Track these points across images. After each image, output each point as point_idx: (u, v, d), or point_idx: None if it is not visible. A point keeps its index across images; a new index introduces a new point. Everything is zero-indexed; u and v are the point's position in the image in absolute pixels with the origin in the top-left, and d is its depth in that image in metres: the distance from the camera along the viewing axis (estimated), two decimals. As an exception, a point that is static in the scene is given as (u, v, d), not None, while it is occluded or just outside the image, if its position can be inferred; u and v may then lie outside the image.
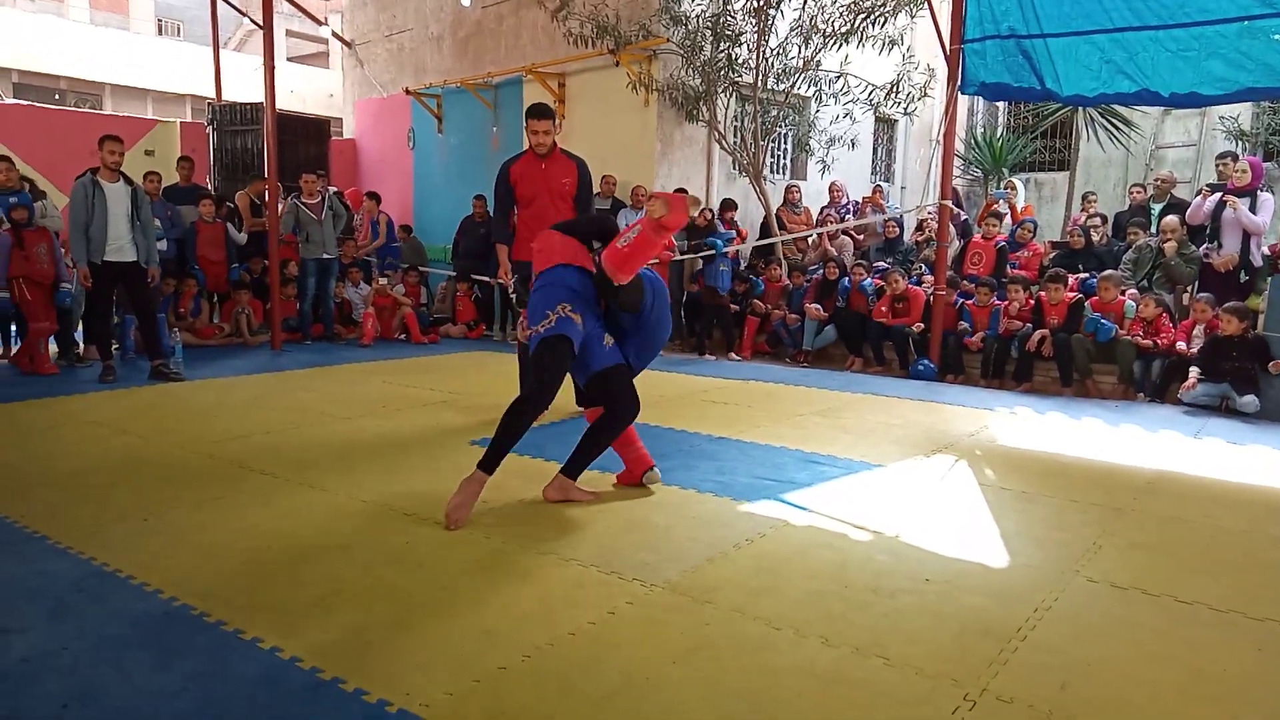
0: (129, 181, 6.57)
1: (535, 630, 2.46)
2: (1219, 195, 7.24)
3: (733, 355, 8.71)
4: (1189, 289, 7.50)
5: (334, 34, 13.77)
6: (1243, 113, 11.11)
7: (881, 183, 11.87)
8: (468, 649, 2.34)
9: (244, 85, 16.95)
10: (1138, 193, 8.76)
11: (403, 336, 9.49)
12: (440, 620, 2.52)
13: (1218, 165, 7.93)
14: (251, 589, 2.72)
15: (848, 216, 9.94)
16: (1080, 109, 10.55)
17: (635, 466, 3.88)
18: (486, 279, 9.83)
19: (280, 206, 8.78)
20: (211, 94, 12.28)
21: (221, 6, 12.34)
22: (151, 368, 6.65)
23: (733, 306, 8.92)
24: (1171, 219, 7.45)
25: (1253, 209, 6.99)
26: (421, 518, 3.41)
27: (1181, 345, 6.48)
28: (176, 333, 7.33)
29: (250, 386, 6.43)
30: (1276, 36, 5.99)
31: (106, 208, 6.32)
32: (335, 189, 9.73)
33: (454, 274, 10.27)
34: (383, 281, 9.61)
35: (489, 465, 3.37)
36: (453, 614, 2.56)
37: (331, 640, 2.38)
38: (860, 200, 10.47)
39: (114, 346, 7.87)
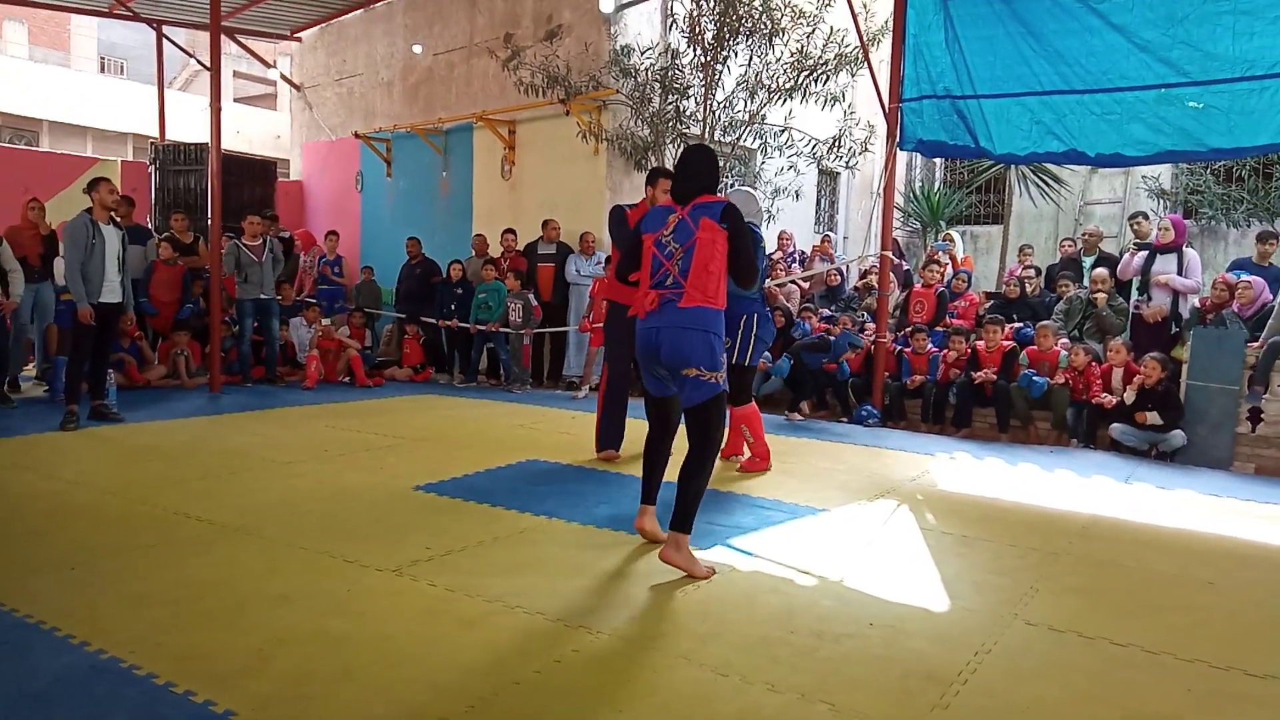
0: (118, 225, 6.52)
1: (480, 680, 2.42)
2: (1145, 252, 7.56)
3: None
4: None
5: (282, 76, 13.70)
6: (1163, 173, 11.73)
7: (828, 232, 12.17)
8: (411, 700, 2.30)
9: (188, 125, 16.71)
10: (1068, 246, 9.11)
11: (347, 379, 9.34)
12: (383, 670, 2.46)
13: (1131, 225, 8.28)
14: (185, 640, 2.63)
15: (795, 265, 10.14)
16: (1013, 166, 11.01)
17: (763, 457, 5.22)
18: (433, 321, 9.78)
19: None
20: (154, 133, 12.10)
21: (167, 46, 12.24)
22: (92, 408, 6.49)
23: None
24: (1101, 271, 7.75)
25: (1179, 264, 7.29)
26: (363, 565, 3.34)
27: (1105, 395, 6.63)
28: (110, 374, 7.11)
29: (187, 430, 6.26)
30: (1191, 104, 6.35)
31: (104, 250, 6.24)
32: (286, 232, 9.59)
33: (401, 316, 10.19)
34: (326, 323, 9.48)
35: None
36: (396, 664, 2.51)
37: (269, 692, 2.31)
38: (810, 249, 10.71)
39: (44, 388, 7.62)
